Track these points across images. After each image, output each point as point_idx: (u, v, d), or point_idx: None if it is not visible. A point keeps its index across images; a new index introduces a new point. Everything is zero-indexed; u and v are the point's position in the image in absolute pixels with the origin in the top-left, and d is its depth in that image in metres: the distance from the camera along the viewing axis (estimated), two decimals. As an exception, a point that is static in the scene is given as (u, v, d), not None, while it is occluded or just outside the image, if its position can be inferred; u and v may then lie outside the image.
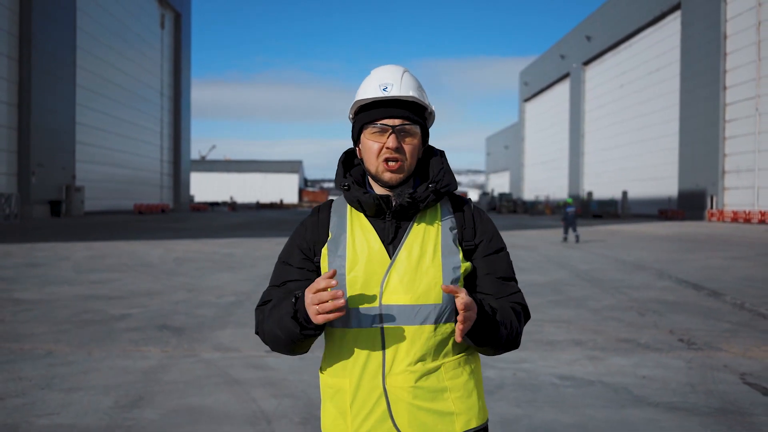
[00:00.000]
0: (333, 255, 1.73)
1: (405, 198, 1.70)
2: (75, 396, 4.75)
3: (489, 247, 1.80)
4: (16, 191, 39.52)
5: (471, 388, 1.74)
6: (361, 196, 1.73)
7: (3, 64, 39.73)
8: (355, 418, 1.69)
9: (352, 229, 1.75)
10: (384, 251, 1.71)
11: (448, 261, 1.71)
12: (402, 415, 1.67)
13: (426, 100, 1.79)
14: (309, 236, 1.80)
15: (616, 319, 7.98)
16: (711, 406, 4.67)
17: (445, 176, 1.77)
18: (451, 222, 1.78)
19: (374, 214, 1.74)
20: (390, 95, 1.71)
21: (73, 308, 8.41)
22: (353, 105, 1.79)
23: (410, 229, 1.73)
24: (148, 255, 15.90)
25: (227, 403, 4.60)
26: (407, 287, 1.67)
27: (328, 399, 1.76)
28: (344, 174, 1.81)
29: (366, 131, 1.75)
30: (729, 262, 15.30)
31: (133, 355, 5.99)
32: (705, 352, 6.29)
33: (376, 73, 1.80)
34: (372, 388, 1.68)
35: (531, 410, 4.51)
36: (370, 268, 1.69)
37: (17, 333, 6.90)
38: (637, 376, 5.42)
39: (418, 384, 1.67)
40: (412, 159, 1.74)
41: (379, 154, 1.72)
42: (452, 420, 1.70)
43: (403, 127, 1.72)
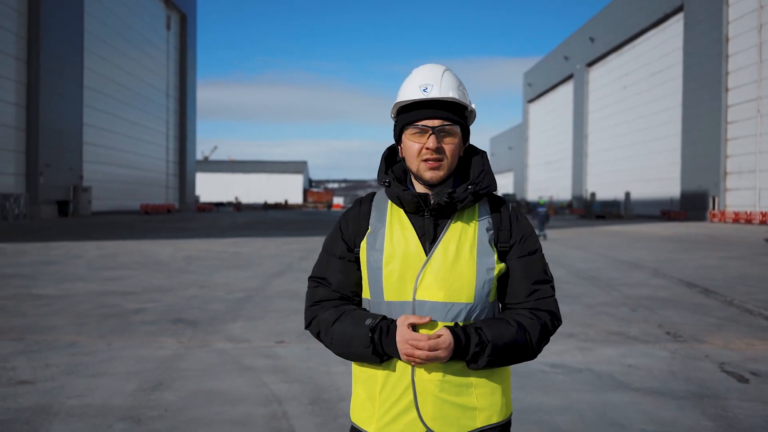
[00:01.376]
0: (371, 248, 1.79)
1: (443, 197, 1.74)
2: (100, 381, 5.14)
3: (523, 248, 1.83)
4: (24, 191, 40.04)
5: (496, 385, 1.79)
6: (401, 192, 1.77)
7: (11, 66, 40.26)
8: (383, 404, 1.77)
9: (391, 224, 1.80)
10: (421, 248, 1.75)
11: (483, 262, 1.76)
12: (427, 406, 1.73)
13: (466, 99, 1.82)
14: (350, 229, 1.86)
15: (608, 314, 8.35)
16: (689, 391, 5.04)
17: (485, 178, 1.81)
18: (488, 223, 1.82)
19: (413, 210, 1.78)
20: (430, 96, 1.75)
21: (90, 303, 8.82)
22: (394, 105, 1.84)
23: (447, 228, 1.77)
24: (158, 254, 16.32)
25: (241, 387, 4.99)
26: (441, 284, 1.72)
27: (360, 383, 1.83)
28: (386, 170, 1.87)
29: (407, 132, 1.79)
30: (724, 261, 15.64)
31: (151, 345, 6.39)
32: (689, 344, 6.65)
33: (417, 73, 1.83)
34: (401, 377, 1.74)
35: (521, 394, 4.89)
36: (406, 264, 1.74)
37: (40, 325, 7.30)
38: (623, 365, 5.80)
39: (445, 378, 1.73)
40: (452, 158, 1.78)
41: (419, 155, 1.76)
42: (474, 415, 1.76)
43: (443, 127, 1.75)
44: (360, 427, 1.82)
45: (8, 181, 39.52)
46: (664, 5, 57.57)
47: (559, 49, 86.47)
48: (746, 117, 46.44)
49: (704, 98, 50.50)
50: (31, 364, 5.64)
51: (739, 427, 4.24)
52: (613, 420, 4.35)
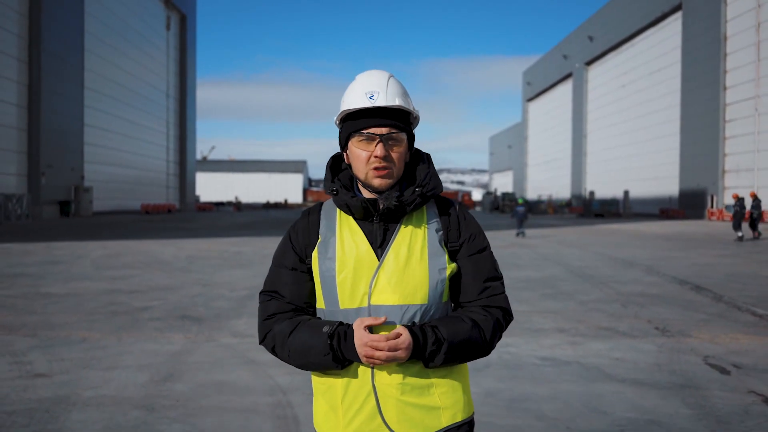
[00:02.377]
0: (323, 257, 1.79)
1: (392, 201, 1.76)
2: (113, 373, 5.41)
3: (472, 247, 1.85)
4: (26, 192, 40.32)
5: (456, 383, 1.81)
6: (349, 200, 1.78)
7: (13, 67, 40.52)
8: (346, 413, 1.76)
9: (341, 232, 1.81)
10: (372, 253, 1.77)
11: (435, 262, 1.78)
12: (390, 410, 1.74)
13: (411, 105, 1.83)
14: (300, 239, 1.86)
15: (600, 311, 8.63)
16: (672, 382, 5.31)
17: (431, 180, 1.82)
18: (437, 224, 1.83)
19: (362, 217, 1.80)
20: (376, 104, 1.75)
21: (98, 301, 9.10)
22: (340, 113, 1.83)
23: (397, 232, 1.79)
24: (160, 253, 16.59)
25: (248, 379, 5.26)
26: (395, 288, 1.74)
27: (320, 394, 1.83)
28: (332, 179, 1.86)
29: (353, 139, 1.79)
30: (718, 259, 15.92)
31: (160, 340, 6.67)
32: (676, 338, 6.93)
33: (361, 79, 1.83)
34: (362, 384, 1.75)
35: (512, 384, 5.16)
36: (359, 270, 1.75)
37: (51, 323, 7.58)
38: (611, 358, 6.07)
39: (405, 381, 1.74)
40: (399, 164, 1.80)
41: (367, 163, 1.77)
42: (439, 414, 1.77)
43: (390, 135, 1.76)
44: None
45: (10, 181, 39.80)
46: (662, 4, 57.82)
47: (558, 48, 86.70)
48: (744, 115, 46.70)
49: (702, 97, 50.77)
50: (46, 358, 5.91)
51: (716, 414, 4.51)
52: (597, 408, 4.62)
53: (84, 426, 4.17)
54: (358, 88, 1.81)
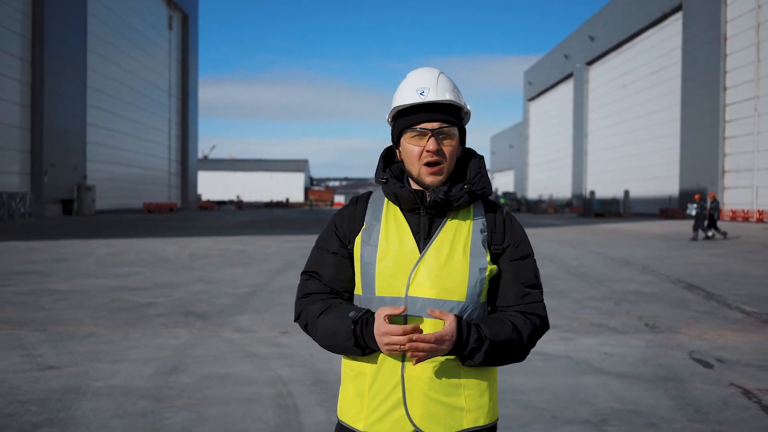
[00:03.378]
0: (366, 243, 1.81)
1: (440, 194, 1.77)
2: (121, 366, 5.65)
3: (516, 252, 1.85)
4: (29, 190, 40.59)
5: (484, 387, 1.81)
6: (398, 189, 1.80)
7: (16, 66, 40.78)
8: (372, 401, 1.78)
9: (387, 221, 1.83)
10: (415, 245, 1.78)
11: (476, 261, 1.78)
12: (416, 404, 1.74)
13: (462, 100, 1.85)
14: (345, 225, 1.88)
15: (593, 308, 8.86)
16: (656, 374, 5.54)
17: (481, 180, 1.84)
18: (482, 224, 1.83)
19: (409, 208, 1.81)
20: (427, 99, 1.78)
21: (104, 297, 9.33)
22: (392, 110, 1.86)
23: (442, 227, 1.80)
24: (163, 251, 16.84)
25: (250, 371, 5.50)
26: (433, 282, 1.74)
27: (349, 380, 1.85)
28: (384, 168, 1.89)
29: (406, 135, 1.81)
30: (713, 258, 16.14)
31: (165, 335, 6.91)
32: (664, 335, 7.16)
33: (412, 76, 1.86)
34: (391, 374, 1.75)
35: (503, 377, 5.38)
36: (399, 260, 1.76)
37: (59, 318, 7.81)
38: (600, 353, 6.30)
39: (435, 376, 1.74)
40: (451, 160, 1.81)
41: (420, 158, 1.78)
42: (462, 416, 1.77)
43: (441, 129, 1.78)
44: (348, 424, 1.84)
45: (13, 180, 40.05)
46: (663, 4, 58.00)
47: (559, 48, 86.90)
48: (744, 116, 46.89)
49: (702, 97, 50.97)
50: (56, 351, 6.15)
51: (695, 405, 4.73)
52: (583, 398, 4.85)
53: (95, 414, 4.40)
54: (409, 85, 1.83)
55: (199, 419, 4.33)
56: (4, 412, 4.42)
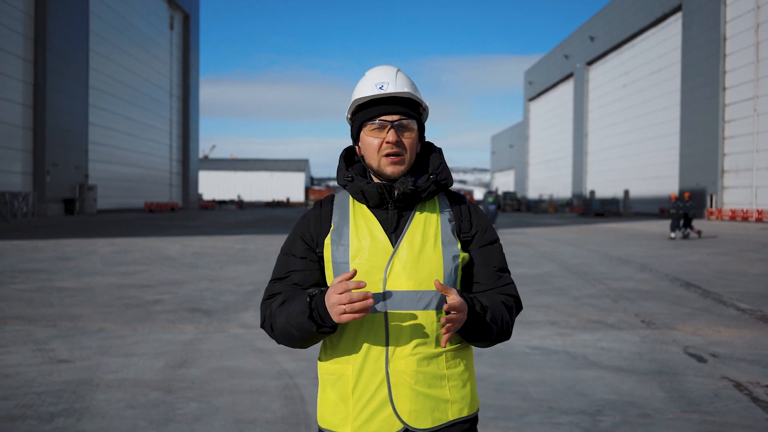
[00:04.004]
0: (336, 244, 1.80)
1: (408, 186, 1.78)
2: (131, 360, 5.82)
3: (484, 238, 1.89)
4: (32, 190, 40.76)
5: (466, 378, 1.83)
6: (365, 186, 1.80)
7: (18, 66, 40.96)
8: (357, 403, 1.75)
9: (355, 220, 1.82)
10: (387, 239, 1.78)
11: (448, 250, 1.79)
12: (403, 400, 1.74)
13: (420, 96, 1.87)
14: (312, 228, 1.86)
15: (591, 305, 9.02)
16: (651, 368, 5.70)
17: (443, 170, 1.86)
18: (449, 214, 1.86)
19: (377, 203, 1.81)
20: (386, 92, 1.80)
21: (111, 295, 9.50)
22: (351, 105, 1.87)
23: (412, 219, 1.81)
24: (167, 250, 17.01)
25: (256, 365, 5.67)
26: (410, 274, 1.74)
27: (329, 385, 1.82)
28: (346, 168, 1.90)
29: (365, 129, 1.83)
30: (711, 257, 16.30)
31: (172, 330, 7.07)
32: (660, 331, 7.32)
33: (371, 73, 1.88)
34: (375, 372, 1.74)
35: (502, 370, 5.56)
36: (373, 256, 1.76)
37: (68, 314, 7.98)
38: (597, 348, 6.47)
39: (420, 369, 1.74)
40: (411, 152, 1.82)
41: (379, 150, 1.80)
42: (447, 407, 1.77)
43: (401, 122, 1.80)
44: (332, 431, 1.81)
45: (16, 179, 40.23)
46: (662, 5, 58.15)
47: (560, 48, 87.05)
48: (743, 116, 47.04)
49: (702, 97, 51.13)
50: (67, 346, 6.32)
51: (688, 397, 4.90)
52: (579, 391, 5.02)
53: (108, 404, 4.57)
54: (368, 80, 1.85)
55: (210, 409, 4.49)
56: (22, 402, 4.59)
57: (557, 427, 4.23)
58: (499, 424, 4.26)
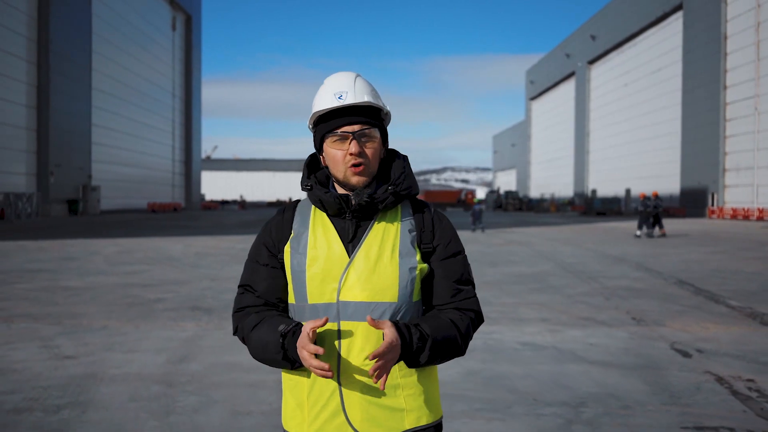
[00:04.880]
0: (295, 252, 1.81)
1: (363, 197, 1.77)
2: (134, 355, 6.02)
3: (446, 250, 1.86)
4: (35, 191, 41.05)
5: (423, 387, 1.81)
6: (323, 195, 1.80)
7: (22, 68, 41.26)
8: (311, 409, 1.77)
9: (314, 228, 1.82)
10: (343, 249, 1.78)
11: (405, 262, 1.78)
12: (354, 409, 1.75)
13: (380, 102, 1.85)
14: (274, 235, 1.88)
15: (583, 303, 9.20)
16: (636, 363, 5.89)
17: (405, 180, 1.84)
18: (411, 224, 1.84)
19: (335, 213, 1.81)
20: (346, 103, 1.77)
21: (114, 293, 9.72)
22: (311, 116, 1.85)
23: (370, 229, 1.80)
24: (169, 250, 17.23)
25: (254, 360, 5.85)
26: (364, 285, 1.74)
27: (288, 390, 1.84)
28: (308, 175, 1.89)
29: (327, 140, 1.81)
30: (707, 256, 16.47)
31: (174, 328, 7.28)
32: (649, 327, 7.51)
33: (329, 81, 1.85)
34: (327, 382, 1.75)
35: (491, 365, 5.75)
36: (329, 266, 1.76)
37: (73, 312, 8.19)
38: (585, 344, 6.65)
39: (371, 379, 1.72)
40: (374, 161, 1.81)
41: (344, 161, 1.78)
42: (402, 416, 1.77)
43: (363, 132, 1.78)
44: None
45: (20, 180, 40.53)
46: (663, 4, 58.28)
47: (561, 47, 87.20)
48: (744, 114, 47.18)
49: (703, 96, 51.26)
50: (72, 343, 6.53)
51: (670, 390, 5.09)
52: (565, 384, 5.21)
53: (112, 397, 4.78)
54: (326, 90, 1.82)
55: (209, 402, 4.69)
56: (29, 396, 4.79)
57: (540, 418, 4.43)
58: (485, 415, 4.45)
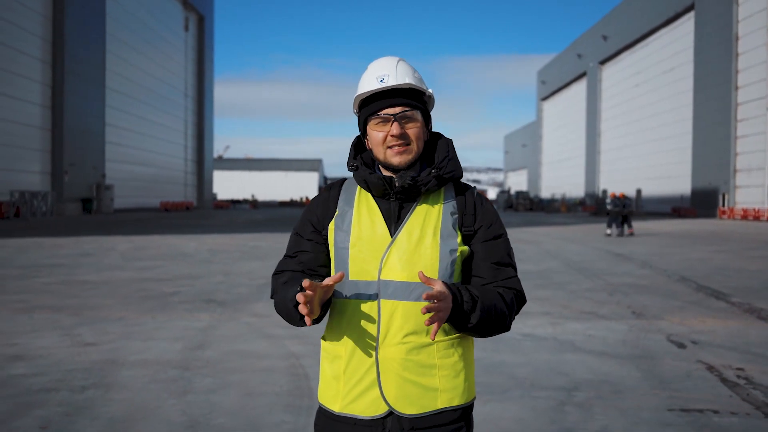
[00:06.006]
0: (339, 229, 1.85)
1: (407, 180, 1.80)
2: (152, 343, 6.33)
3: (488, 233, 1.88)
4: (50, 189, 41.62)
5: (459, 368, 1.84)
6: (368, 176, 1.83)
7: (37, 68, 41.84)
8: (347, 382, 1.81)
9: (359, 207, 1.86)
10: (386, 230, 1.81)
11: (446, 243, 1.80)
12: (390, 384, 1.78)
13: (423, 85, 1.88)
14: (319, 212, 1.92)
15: (586, 298, 9.44)
16: (632, 353, 6.13)
17: (449, 163, 1.86)
18: (453, 207, 1.86)
19: (380, 194, 1.84)
20: (387, 85, 1.81)
21: (130, 287, 10.05)
22: (355, 100, 1.89)
23: (412, 211, 1.83)
24: (183, 247, 17.58)
25: (266, 348, 6.16)
26: (405, 265, 1.77)
27: (327, 362, 1.89)
28: (354, 156, 1.92)
29: (370, 123, 1.85)
30: (712, 255, 16.63)
31: (189, 318, 7.59)
32: (648, 321, 7.74)
33: (373, 66, 1.88)
34: (365, 356, 1.79)
35: (492, 354, 6.01)
36: (371, 245, 1.79)
37: (91, 305, 8.52)
38: (584, 335, 6.90)
39: (408, 357, 1.77)
40: (417, 142, 1.84)
41: (384, 143, 1.82)
42: (435, 396, 1.80)
43: (404, 114, 1.81)
44: (326, 406, 1.87)
45: (35, 179, 41.11)
46: (675, 4, 58.21)
47: (573, 47, 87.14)
48: (755, 115, 47.07)
49: (714, 96, 51.19)
50: (93, 331, 6.85)
51: (661, 377, 5.33)
52: (561, 371, 5.47)
53: (133, 379, 5.08)
54: (369, 74, 1.87)
55: (224, 384, 4.99)
56: (55, 378, 5.10)
57: (535, 400, 4.69)
58: (483, 397, 4.71)
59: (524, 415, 4.39)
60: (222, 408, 4.45)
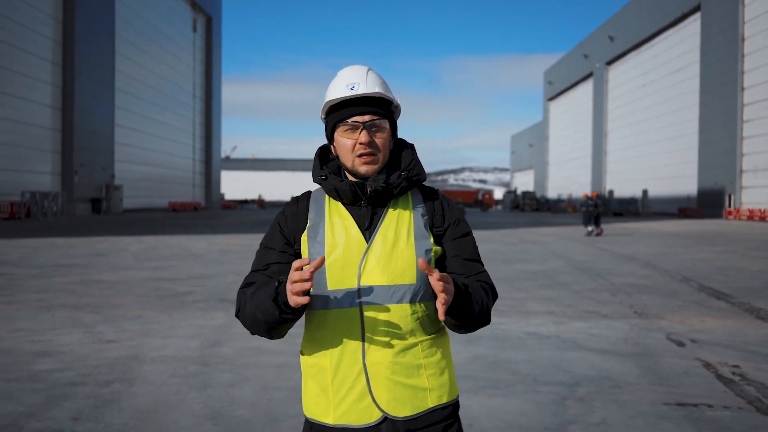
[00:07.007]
0: (312, 241, 1.84)
1: (379, 183, 1.81)
2: (170, 340, 6.60)
3: (456, 231, 1.93)
4: (60, 190, 42.06)
5: (443, 366, 1.88)
6: (338, 184, 1.83)
7: (48, 70, 42.30)
8: (336, 393, 1.80)
9: (331, 217, 1.86)
10: (361, 236, 1.81)
11: (421, 244, 1.83)
12: (381, 389, 1.79)
13: (391, 94, 1.89)
14: (289, 225, 1.90)
15: (589, 298, 9.66)
16: (632, 351, 6.36)
17: (415, 167, 1.90)
18: (422, 209, 1.89)
19: (351, 201, 1.85)
20: (358, 93, 1.81)
21: (146, 287, 10.33)
22: (324, 106, 1.89)
23: (385, 215, 1.85)
24: (194, 247, 17.88)
25: (280, 345, 6.41)
26: (383, 269, 1.78)
27: (310, 378, 1.87)
28: (320, 166, 1.92)
29: (338, 130, 1.85)
30: (716, 255, 16.81)
31: (204, 317, 7.86)
32: (649, 320, 7.96)
33: (342, 73, 1.89)
34: (352, 364, 1.78)
35: (497, 351, 6.25)
36: (348, 252, 1.79)
37: (109, 303, 8.80)
38: (587, 334, 7.13)
39: (396, 360, 1.79)
40: (384, 151, 1.86)
41: (353, 150, 1.82)
42: (426, 395, 1.82)
43: (373, 122, 1.82)
44: (317, 420, 1.85)
45: (45, 179, 41.57)
46: (681, 5, 58.27)
47: (579, 48, 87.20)
48: (762, 115, 47.13)
49: (720, 97, 51.26)
50: (112, 329, 7.12)
51: (660, 373, 5.56)
52: (564, 368, 5.70)
53: (155, 374, 5.35)
54: (339, 81, 1.87)
55: (241, 378, 5.25)
56: (81, 372, 5.37)
57: (537, 394, 4.93)
58: (488, 392, 4.96)
59: (527, 409, 4.63)
60: (241, 401, 4.71)
